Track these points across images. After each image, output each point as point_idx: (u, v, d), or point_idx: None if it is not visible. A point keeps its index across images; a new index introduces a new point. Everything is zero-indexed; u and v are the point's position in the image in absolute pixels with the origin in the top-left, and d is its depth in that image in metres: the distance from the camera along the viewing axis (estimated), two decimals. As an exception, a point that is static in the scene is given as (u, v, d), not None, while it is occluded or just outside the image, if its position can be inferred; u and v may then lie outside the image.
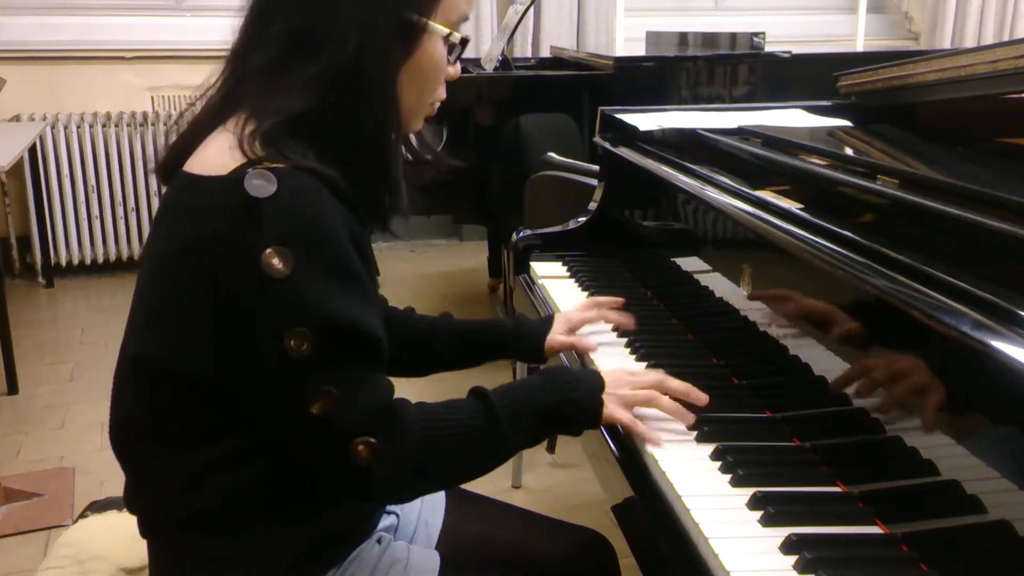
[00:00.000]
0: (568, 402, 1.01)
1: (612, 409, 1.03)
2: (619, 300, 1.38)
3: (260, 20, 0.96)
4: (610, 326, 1.37)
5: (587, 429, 1.04)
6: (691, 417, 1.03)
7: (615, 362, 1.27)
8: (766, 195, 1.20)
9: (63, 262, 4.15)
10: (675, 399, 1.06)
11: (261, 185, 0.86)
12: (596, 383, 1.04)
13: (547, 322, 1.32)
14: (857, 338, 0.95)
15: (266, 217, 0.85)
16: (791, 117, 1.71)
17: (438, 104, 1.05)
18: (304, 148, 0.90)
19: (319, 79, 0.92)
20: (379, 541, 1.08)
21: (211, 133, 0.95)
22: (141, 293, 0.97)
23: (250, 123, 0.91)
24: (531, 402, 1.00)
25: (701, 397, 1.06)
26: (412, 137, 1.09)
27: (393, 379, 0.97)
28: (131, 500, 1.01)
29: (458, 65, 1.04)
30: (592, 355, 1.29)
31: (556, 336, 1.29)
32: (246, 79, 0.95)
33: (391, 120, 0.96)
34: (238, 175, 0.87)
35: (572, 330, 1.31)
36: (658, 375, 1.09)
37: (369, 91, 0.93)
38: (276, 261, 0.85)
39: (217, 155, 0.91)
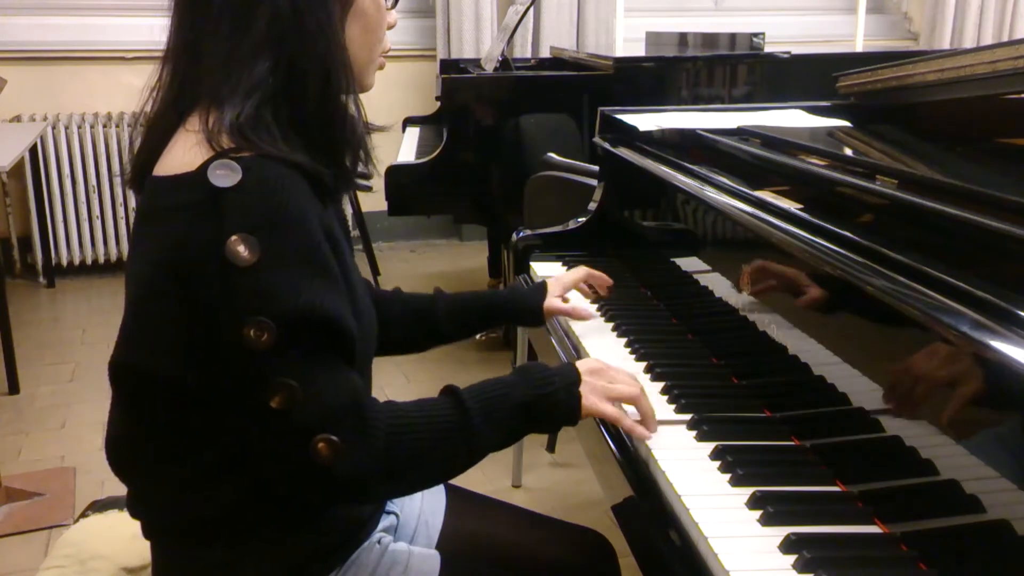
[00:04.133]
0: (543, 396, 0.98)
1: (593, 401, 1.00)
2: (607, 280, 1.47)
3: (194, 8, 0.93)
4: (602, 319, 1.43)
5: (565, 425, 1.01)
6: (647, 435, 1.01)
7: (613, 361, 1.26)
8: (765, 195, 1.20)
9: (64, 262, 4.15)
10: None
11: (225, 175, 0.84)
12: (572, 376, 1.01)
13: (541, 287, 1.38)
14: (856, 338, 0.95)
15: (231, 205, 0.84)
16: (790, 117, 1.72)
17: (386, 60, 1.05)
18: (271, 132, 0.89)
19: (262, 45, 0.90)
20: (379, 542, 1.08)
21: (174, 135, 0.93)
22: (125, 305, 0.96)
23: (213, 114, 0.89)
24: (505, 399, 0.97)
25: (647, 431, 1.02)
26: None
27: (396, 371, 0.96)
28: (133, 508, 1.02)
29: (395, 12, 1.05)
30: (590, 352, 1.29)
31: (553, 300, 1.36)
32: (197, 70, 0.93)
33: (340, 73, 0.94)
34: (203, 168, 0.86)
35: (566, 291, 1.39)
36: (634, 385, 1.04)
37: (313, 45, 0.92)
38: (242, 248, 0.83)
39: (183, 154, 0.89)
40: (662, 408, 1.08)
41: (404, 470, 0.94)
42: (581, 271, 1.45)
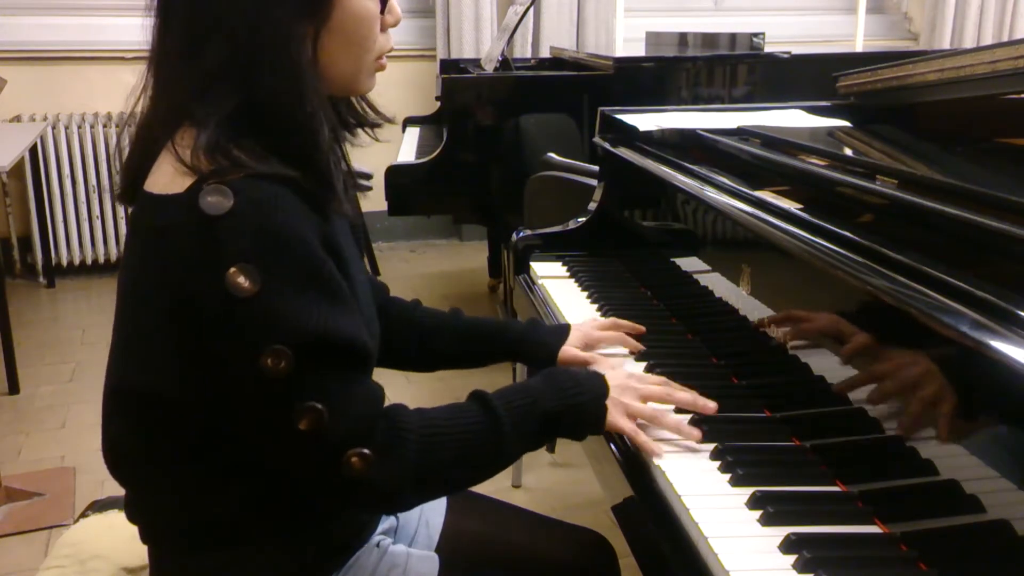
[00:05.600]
0: (572, 407, 0.99)
1: (615, 417, 1.01)
2: (641, 328, 1.32)
3: (164, 16, 0.92)
4: (602, 318, 1.36)
5: (590, 434, 1.03)
6: (696, 433, 1.01)
7: (615, 362, 1.26)
8: (765, 195, 1.20)
9: (64, 262, 4.15)
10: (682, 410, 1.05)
11: (217, 202, 0.82)
12: (601, 389, 1.02)
13: (563, 331, 1.27)
14: (856, 338, 0.95)
15: (226, 235, 0.82)
16: (790, 117, 1.72)
17: (386, 58, 1.00)
18: (256, 149, 0.87)
19: (226, 68, 0.87)
20: (378, 545, 1.08)
21: (163, 146, 0.91)
22: (117, 321, 0.95)
23: (189, 135, 0.88)
24: (535, 407, 0.98)
25: (708, 405, 1.05)
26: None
27: (397, 373, 0.95)
28: (131, 512, 1.02)
29: (396, 10, 0.99)
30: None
31: (572, 350, 1.24)
32: (172, 81, 0.91)
33: (306, 94, 0.89)
34: (193, 192, 0.84)
35: (589, 347, 1.26)
36: (664, 387, 1.07)
37: (274, 70, 0.88)
38: (242, 279, 0.81)
39: (172, 173, 0.88)
40: (662, 408, 1.08)
41: (436, 477, 0.95)
42: (608, 327, 1.30)
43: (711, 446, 0.99)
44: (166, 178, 0.88)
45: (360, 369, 0.91)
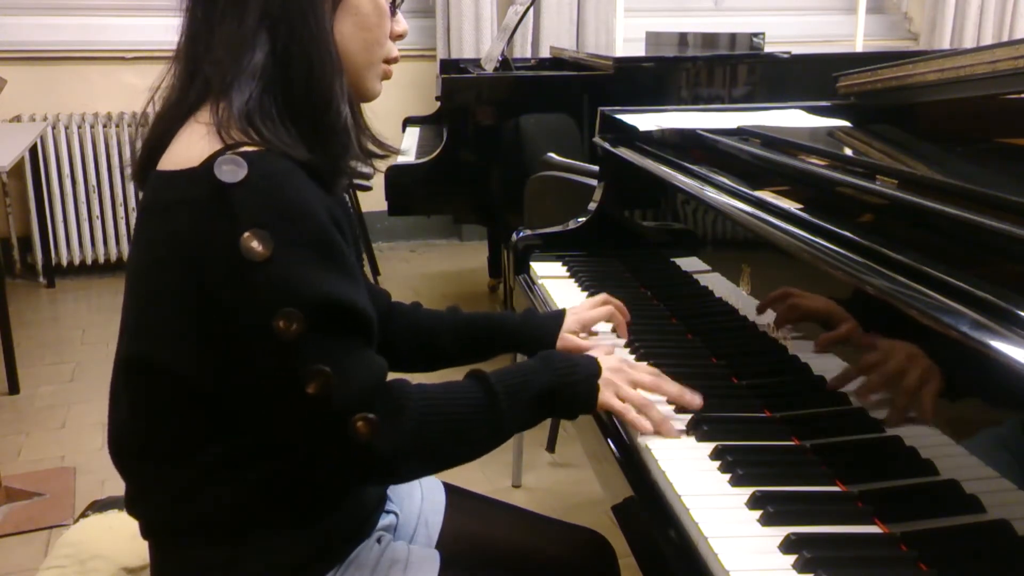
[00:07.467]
0: (566, 385, 1.03)
1: (607, 396, 1.04)
2: (627, 314, 1.35)
3: (205, 6, 0.95)
4: (611, 326, 1.37)
5: (582, 413, 1.06)
6: (674, 431, 1.03)
7: (611, 347, 1.26)
8: (765, 195, 1.20)
9: (64, 262, 4.15)
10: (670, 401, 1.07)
11: (231, 170, 0.85)
12: (594, 368, 1.06)
13: (558, 317, 1.30)
14: (856, 338, 0.95)
15: (240, 201, 0.85)
16: (790, 118, 1.72)
17: (392, 66, 1.04)
18: (274, 121, 0.90)
19: (257, 31, 0.91)
20: (379, 541, 1.08)
21: (181, 127, 0.93)
22: (127, 300, 0.97)
23: (222, 103, 0.90)
24: (530, 384, 1.01)
25: (694, 401, 1.07)
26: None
27: (399, 374, 0.98)
28: (132, 507, 1.02)
29: (403, 21, 1.04)
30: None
31: (570, 337, 1.27)
32: (203, 61, 0.94)
33: (324, 62, 0.94)
34: (208, 164, 0.86)
35: (585, 329, 1.31)
36: (654, 377, 1.09)
37: (299, 31, 0.92)
38: (255, 244, 0.84)
39: (188, 147, 0.90)
40: (661, 407, 1.08)
41: (435, 448, 0.97)
42: (599, 303, 1.33)
43: (711, 446, 0.99)
44: (181, 154, 0.91)
45: (364, 337, 0.93)
